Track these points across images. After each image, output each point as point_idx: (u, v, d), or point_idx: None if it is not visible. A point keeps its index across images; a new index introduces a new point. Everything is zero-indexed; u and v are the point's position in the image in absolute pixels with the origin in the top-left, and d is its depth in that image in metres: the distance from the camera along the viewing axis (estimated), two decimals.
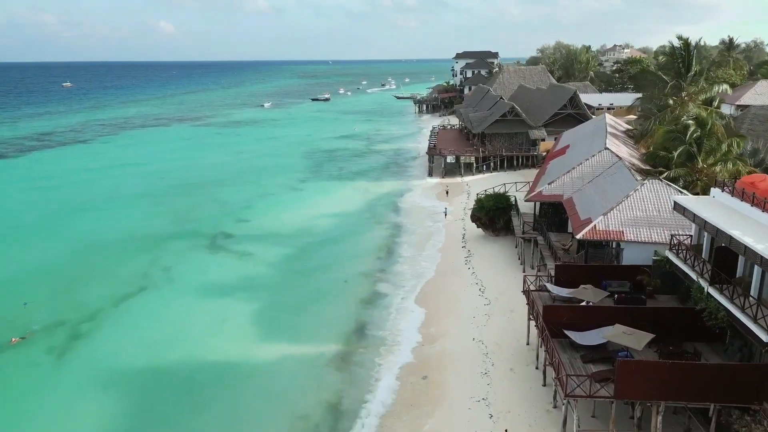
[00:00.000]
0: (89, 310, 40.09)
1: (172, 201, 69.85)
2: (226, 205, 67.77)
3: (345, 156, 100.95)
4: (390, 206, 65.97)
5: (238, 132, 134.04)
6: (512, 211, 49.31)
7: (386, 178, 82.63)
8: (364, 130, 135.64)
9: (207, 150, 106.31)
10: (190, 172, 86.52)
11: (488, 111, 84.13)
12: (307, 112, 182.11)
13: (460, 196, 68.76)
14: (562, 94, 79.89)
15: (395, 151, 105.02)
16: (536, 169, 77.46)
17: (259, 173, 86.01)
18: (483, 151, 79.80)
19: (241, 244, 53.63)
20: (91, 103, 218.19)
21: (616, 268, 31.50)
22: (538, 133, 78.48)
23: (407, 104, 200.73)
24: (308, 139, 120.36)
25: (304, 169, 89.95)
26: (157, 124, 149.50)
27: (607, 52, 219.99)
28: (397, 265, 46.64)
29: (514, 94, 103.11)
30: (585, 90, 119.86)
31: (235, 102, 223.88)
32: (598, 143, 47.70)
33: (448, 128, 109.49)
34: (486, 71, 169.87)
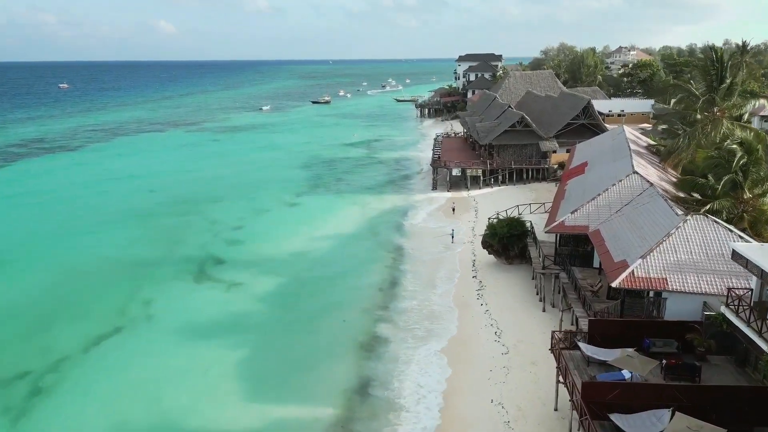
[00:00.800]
0: (55, 357, 35.62)
1: (160, 219, 65.32)
2: (217, 224, 63.25)
3: (345, 166, 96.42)
4: (393, 226, 61.43)
5: (235, 139, 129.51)
6: (528, 239, 44.80)
7: (388, 191, 78.11)
8: (365, 136, 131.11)
9: (201, 159, 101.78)
10: (181, 185, 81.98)
11: (496, 121, 79.61)
12: (307, 116, 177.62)
13: (468, 214, 64.27)
14: (575, 103, 75.36)
15: (397, 161, 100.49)
16: (547, 183, 73.36)
17: (255, 186, 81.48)
18: (490, 163, 75.30)
19: (230, 272, 49.09)
20: (85, 105, 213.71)
21: (660, 324, 27.01)
22: (550, 144, 73.99)
23: (408, 107, 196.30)
24: (307, 147, 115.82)
25: (301, 180, 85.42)
26: (152, 130, 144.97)
27: (612, 54, 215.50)
28: (401, 301, 42.09)
29: (521, 101, 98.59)
30: (594, 95, 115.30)
31: (233, 105, 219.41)
32: (624, 165, 43.20)
33: (452, 136, 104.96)
34: (490, 74, 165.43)
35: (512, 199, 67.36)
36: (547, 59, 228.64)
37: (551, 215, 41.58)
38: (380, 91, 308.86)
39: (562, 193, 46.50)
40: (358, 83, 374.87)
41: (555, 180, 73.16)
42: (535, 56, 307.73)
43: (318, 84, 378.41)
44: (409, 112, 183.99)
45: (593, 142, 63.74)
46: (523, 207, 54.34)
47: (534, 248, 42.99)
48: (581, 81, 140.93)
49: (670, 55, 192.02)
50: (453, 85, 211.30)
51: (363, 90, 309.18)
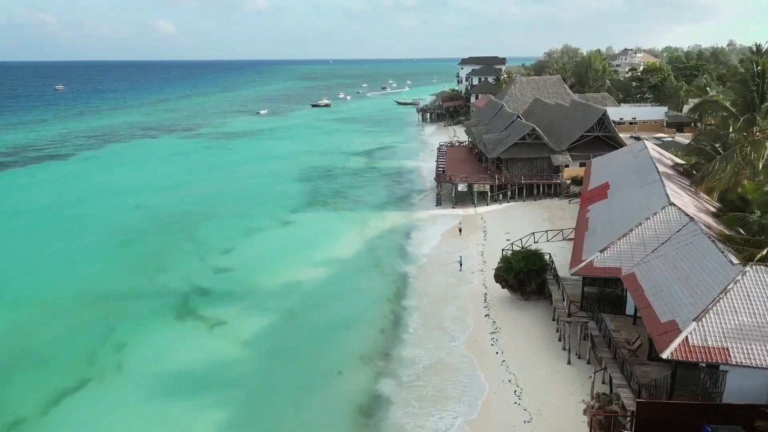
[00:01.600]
0: (10, 419, 30.92)
1: (145, 241, 60.56)
2: (205, 247, 58.49)
3: (344, 177, 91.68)
4: (395, 250, 56.67)
5: (230, 146, 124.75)
6: (547, 274, 40.06)
7: (389, 207, 73.39)
8: (364, 143, 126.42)
9: (193, 170, 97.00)
10: (170, 200, 77.19)
11: (504, 132, 74.84)
12: (305, 121, 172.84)
13: (475, 235, 59.52)
14: (589, 114, 70.57)
15: (398, 171, 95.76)
16: (560, 200, 68.61)
17: (248, 200, 76.80)
18: (499, 178, 70.55)
19: (215, 307, 44.33)
20: (79, 109, 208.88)
21: (724, 408, 22.30)
22: (562, 158, 69.25)
23: (409, 111, 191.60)
24: (304, 156, 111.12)
25: (297, 194, 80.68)
26: (144, 136, 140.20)
27: (618, 57, 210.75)
28: (405, 347, 37.32)
29: (529, 109, 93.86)
30: (604, 102, 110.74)
31: (230, 108, 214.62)
32: (656, 192, 38.40)
33: (456, 145, 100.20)
34: (493, 78, 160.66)
35: (523, 218, 62.89)
36: (550, 61, 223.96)
37: (575, 251, 36.79)
38: (380, 93, 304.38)
39: (585, 222, 41.71)
40: (358, 84, 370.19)
41: (568, 196, 68.55)
42: (539, 58, 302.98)
43: (317, 85, 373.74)
44: (410, 116, 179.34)
45: (612, 158, 58.95)
46: (539, 234, 49.40)
47: (555, 287, 38.21)
48: (589, 86, 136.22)
49: (678, 57, 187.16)
50: (455, 89, 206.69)
51: (363, 92, 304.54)
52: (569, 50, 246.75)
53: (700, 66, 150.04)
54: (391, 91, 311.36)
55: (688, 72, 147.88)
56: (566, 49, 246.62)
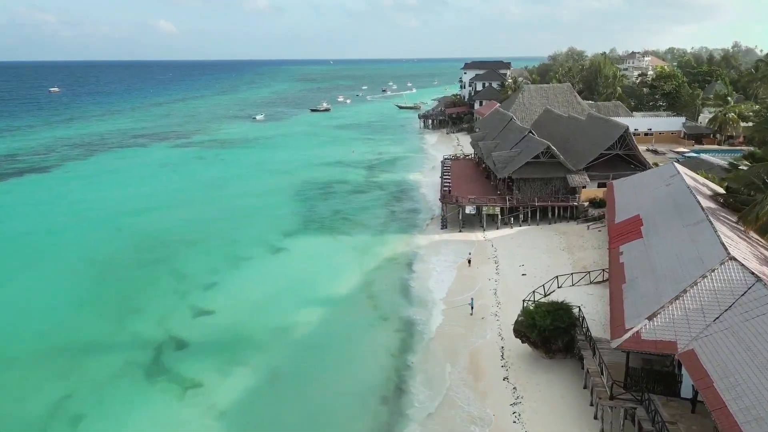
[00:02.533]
0: None
1: (120, 273, 54.71)
2: (185, 282, 52.64)
3: (342, 193, 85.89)
4: (396, 287, 50.77)
5: (222, 156, 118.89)
6: (577, 331, 34.22)
7: (390, 230, 67.61)
8: (364, 153, 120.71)
9: (181, 185, 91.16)
10: (154, 221, 71.36)
11: (515, 148, 69.03)
12: (303, 127, 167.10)
13: (486, 266, 53.69)
14: (609, 131, 64.72)
15: (399, 186, 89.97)
16: (577, 224, 62.79)
17: (238, 222, 70.99)
18: (510, 199, 64.76)
19: (191, 362, 38.53)
20: (70, 114, 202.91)
21: None
22: (579, 179, 63.45)
23: (410, 117, 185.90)
24: (300, 168, 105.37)
25: (291, 214, 74.88)
26: (135, 144, 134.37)
27: (625, 60, 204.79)
28: (408, 424, 31.48)
29: (539, 121, 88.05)
30: (616, 111, 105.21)
31: (226, 113, 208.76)
32: (707, 239, 32.60)
33: (461, 158, 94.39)
34: (498, 84, 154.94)
35: (537, 246, 57.09)
36: (555, 64, 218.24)
37: (614, 312, 30.90)
38: (381, 96, 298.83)
39: (620, 269, 35.85)
40: (358, 87, 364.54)
41: (586, 220, 62.75)
42: (540, 58, 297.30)
43: (317, 88, 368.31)
44: (411, 121, 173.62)
45: (638, 182, 53.21)
46: (563, 278, 43.52)
47: (588, 351, 32.31)
48: (598, 93, 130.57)
49: (687, 61, 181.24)
50: (458, 94, 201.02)
51: (363, 95, 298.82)
52: (574, 53, 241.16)
53: (713, 71, 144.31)
54: (391, 94, 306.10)
55: (701, 77, 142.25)
56: (571, 52, 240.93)
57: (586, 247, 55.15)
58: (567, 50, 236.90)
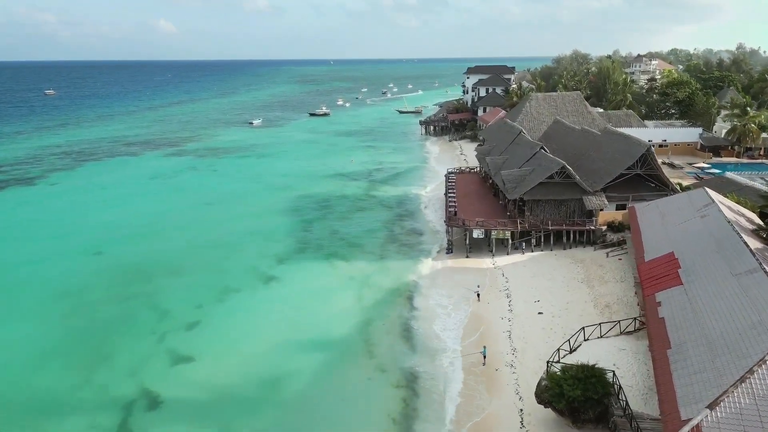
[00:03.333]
0: None
1: (94, 309, 49.73)
2: (165, 321, 47.63)
3: (340, 211, 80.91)
4: (397, 328, 45.66)
5: (216, 167, 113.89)
6: (612, 402, 29.23)
7: (391, 255, 62.66)
8: (363, 162, 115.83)
9: (169, 203, 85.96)
10: (137, 246, 66.23)
11: (526, 166, 64.03)
12: (301, 133, 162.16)
13: (498, 302, 48.70)
14: (630, 149, 59.63)
15: (400, 201, 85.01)
16: (594, 251, 57.78)
17: (228, 245, 65.97)
18: (521, 222, 59.77)
19: (163, 429, 33.53)
20: (63, 118, 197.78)
21: None
22: (597, 201, 58.44)
23: (411, 123, 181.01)
24: (297, 180, 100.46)
25: (286, 236, 69.86)
26: (126, 153, 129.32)
27: (632, 63, 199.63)
28: None
29: (548, 133, 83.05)
30: (628, 121, 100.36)
31: (222, 117, 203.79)
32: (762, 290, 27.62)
33: (465, 171, 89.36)
34: (502, 89, 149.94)
35: (553, 277, 52.12)
36: (559, 68, 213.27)
37: (663, 391, 25.80)
38: (381, 99, 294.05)
39: (660, 326, 30.76)
40: (358, 89, 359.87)
41: (604, 246, 57.78)
42: (541, 58, 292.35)
43: (316, 90, 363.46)
44: (412, 127, 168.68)
45: (665, 209, 48.20)
46: (590, 329, 38.42)
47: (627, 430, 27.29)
48: (607, 99, 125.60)
49: (696, 65, 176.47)
50: (460, 99, 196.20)
51: (363, 98, 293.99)
52: (579, 56, 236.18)
53: (725, 77, 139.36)
54: (391, 97, 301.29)
55: (713, 83, 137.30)
56: (575, 55, 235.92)
57: (607, 279, 50.19)
58: (571, 53, 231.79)
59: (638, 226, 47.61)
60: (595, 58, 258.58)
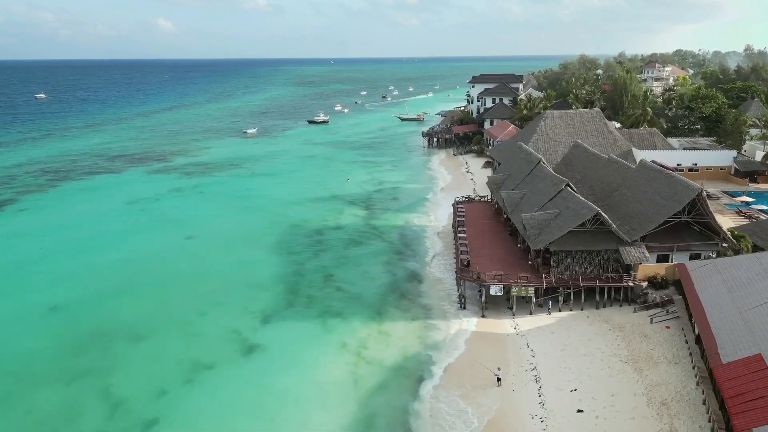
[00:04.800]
0: None
1: (28, 398, 40.81)
2: (118, 414, 38.76)
3: (334, 245, 72.27)
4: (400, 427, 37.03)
5: (202, 188, 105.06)
6: None
7: (392, 310, 54.02)
8: (361, 182, 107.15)
9: (145, 236, 77.11)
10: (97, 300, 56.89)
11: (549, 206, 55.22)
12: (296, 145, 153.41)
13: (525, 388, 40.06)
14: (676, 192, 50.53)
15: (402, 235, 76.35)
16: (635, 313, 49.06)
17: (204, 301, 56.78)
18: (547, 276, 51.00)
19: None
20: (48, 128, 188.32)
21: None
22: (636, 253, 49.63)
23: (412, 130, 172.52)
24: (289, 204, 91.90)
25: (273, 282, 61.12)
26: (107, 170, 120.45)
27: (644, 69, 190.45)
28: None
29: (568, 159, 74.16)
30: (652, 140, 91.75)
31: (216, 125, 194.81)
32: None
33: (475, 200, 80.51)
34: (509, 100, 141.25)
35: (589, 352, 43.59)
36: (567, 73, 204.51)
37: None
38: (381, 103, 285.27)
39: None
40: (357, 92, 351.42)
41: (646, 307, 49.06)
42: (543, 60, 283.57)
43: (315, 93, 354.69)
44: (414, 138, 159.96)
45: (732, 277, 39.39)
46: None
47: None
48: (625, 114, 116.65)
49: (713, 73, 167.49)
50: (465, 107, 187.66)
51: (362, 102, 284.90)
52: (586, 60, 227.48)
53: (749, 87, 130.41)
54: (391, 101, 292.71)
55: (735, 94, 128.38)
56: (583, 59, 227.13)
57: (656, 358, 41.45)
58: (579, 58, 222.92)
59: (697, 298, 38.87)
60: (602, 62, 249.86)
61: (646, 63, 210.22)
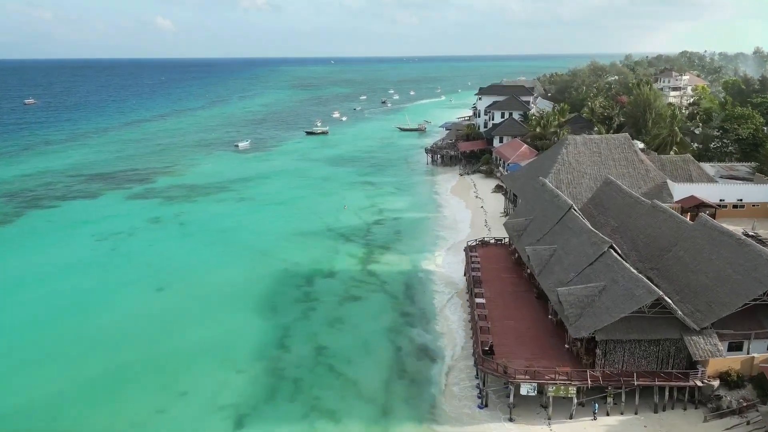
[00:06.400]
0: None
1: None
2: None
3: (327, 301, 62.03)
4: None
5: (183, 217, 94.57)
6: None
7: (397, 406, 43.62)
8: (360, 210, 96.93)
9: (107, 286, 66.51)
10: (28, 382, 46.76)
11: (588, 271, 44.74)
12: (290, 161, 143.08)
13: None
14: (753, 266, 39.95)
15: (407, 285, 66.17)
16: (705, 422, 38.73)
17: (163, 391, 46.17)
18: (593, 372, 40.57)
19: None
20: (28, 141, 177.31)
21: None
22: (706, 345, 39.15)
23: (414, 143, 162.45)
24: (277, 240, 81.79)
25: (251, 359, 50.70)
26: (81, 195, 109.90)
27: (660, 78, 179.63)
28: None
29: (599, 200, 63.62)
30: (687, 169, 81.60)
31: (207, 137, 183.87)
32: None
33: (490, 243, 69.98)
34: (520, 114, 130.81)
35: None
36: (576, 81, 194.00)
37: None
38: (381, 109, 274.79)
39: None
40: (356, 96, 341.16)
41: (719, 414, 38.65)
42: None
43: (313, 98, 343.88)
44: (416, 153, 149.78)
45: None
46: None
47: None
48: (648, 134, 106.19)
49: (735, 83, 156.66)
50: (470, 118, 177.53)
51: (361, 109, 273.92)
52: (596, 68, 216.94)
53: None
54: (391, 107, 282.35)
55: (765, 109, 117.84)
56: (593, 67, 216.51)
57: None
58: (589, 66, 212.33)
59: None
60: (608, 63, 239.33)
61: (661, 71, 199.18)
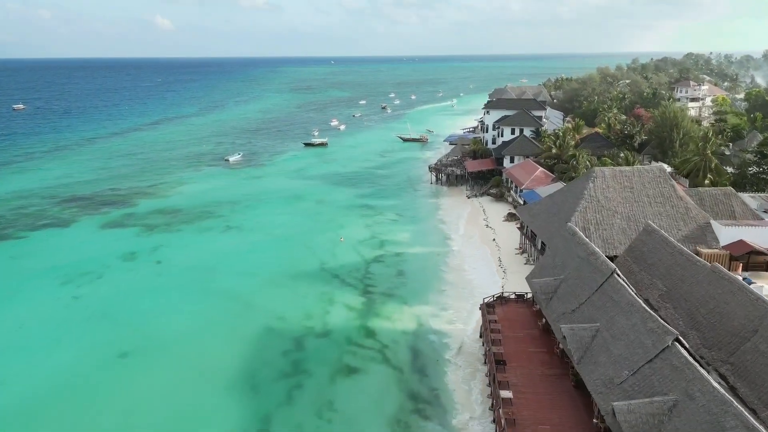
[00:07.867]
0: None
1: None
2: None
3: (316, 382, 51.90)
4: None
5: (160, 253, 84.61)
6: None
7: None
8: (358, 243, 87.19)
9: (66, 349, 56.67)
10: None
11: (646, 368, 34.83)
12: (284, 180, 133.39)
13: None
14: None
15: (414, 352, 56.26)
16: None
17: None
18: None
19: None
20: (11, 153, 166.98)
21: None
22: None
23: (417, 156, 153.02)
24: (262, 286, 71.79)
25: None
26: (52, 223, 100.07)
27: (677, 88, 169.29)
28: None
29: (638, 251, 53.49)
30: (729, 204, 71.88)
31: (196, 150, 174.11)
32: None
33: (512, 299, 59.89)
34: (532, 130, 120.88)
35: None
36: (587, 90, 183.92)
37: None
38: (381, 116, 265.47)
39: None
40: (355, 101, 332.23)
41: None
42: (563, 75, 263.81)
43: (311, 102, 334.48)
44: (419, 168, 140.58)
45: None
46: None
47: None
48: (674, 154, 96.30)
49: (758, 94, 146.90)
50: (475, 129, 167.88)
51: (360, 116, 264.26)
52: (607, 75, 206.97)
53: None
54: (392, 113, 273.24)
55: None
56: (603, 74, 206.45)
57: None
58: (600, 74, 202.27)
59: None
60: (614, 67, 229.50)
61: (677, 80, 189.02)
